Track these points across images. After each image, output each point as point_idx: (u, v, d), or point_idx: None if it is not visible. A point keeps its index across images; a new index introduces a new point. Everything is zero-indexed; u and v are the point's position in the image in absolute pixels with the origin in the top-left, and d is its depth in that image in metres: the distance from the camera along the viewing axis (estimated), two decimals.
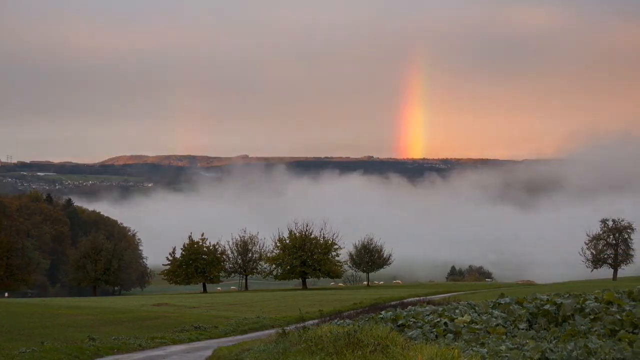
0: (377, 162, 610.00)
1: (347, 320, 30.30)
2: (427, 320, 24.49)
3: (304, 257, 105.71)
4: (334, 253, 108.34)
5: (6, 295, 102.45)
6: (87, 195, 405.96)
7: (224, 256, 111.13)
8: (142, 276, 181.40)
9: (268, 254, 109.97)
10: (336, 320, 31.47)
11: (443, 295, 69.07)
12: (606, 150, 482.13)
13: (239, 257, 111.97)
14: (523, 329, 21.74)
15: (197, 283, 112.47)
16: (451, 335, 21.58)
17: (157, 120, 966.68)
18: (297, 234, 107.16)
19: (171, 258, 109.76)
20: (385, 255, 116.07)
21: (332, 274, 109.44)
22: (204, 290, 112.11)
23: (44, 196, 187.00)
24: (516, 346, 18.19)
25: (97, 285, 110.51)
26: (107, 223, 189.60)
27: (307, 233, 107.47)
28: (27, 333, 36.87)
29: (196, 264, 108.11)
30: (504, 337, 20.50)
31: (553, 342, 18.71)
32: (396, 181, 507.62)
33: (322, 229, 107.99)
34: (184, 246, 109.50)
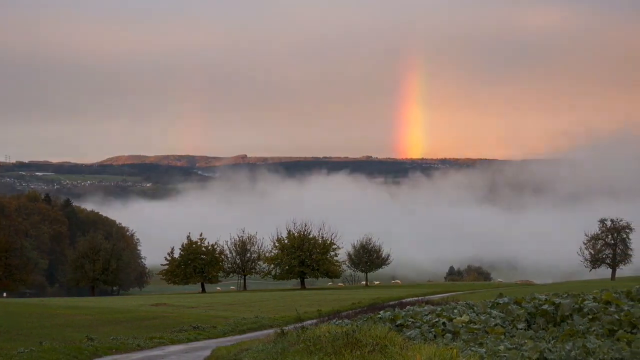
0: (376, 162, 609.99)
1: (346, 320, 30.29)
2: (426, 320, 24.49)
3: (303, 257, 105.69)
4: (333, 253, 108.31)
5: (4, 295, 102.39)
6: (86, 195, 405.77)
7: (223, 256, 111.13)
8: (141, 276, 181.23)
9: (266, 254, 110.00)
10: (335, 320, 31.49)
11: (441, 295, 69.22)
12: (606, 149, 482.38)
13: (238, 257, 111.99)
14: (521, 329, 21.75)
15: (196, 283, 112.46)
16: (450, 335, 21.58)
17: (156, 120, 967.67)
18: (296, 234, 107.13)
19: (170, 258, 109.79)
20: (383, 255, 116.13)
21: (331, 274, 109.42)
22: (203, 290, 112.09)
23: (43, 196, 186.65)
24: (514, 346, 18.20)
25: (96, 285, 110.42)
26: (106, 223, 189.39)
27: (306, 233, 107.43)
28: (26, 333, 36.86)
29: (195, 264, 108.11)
30: (503, 337, 20.50)
31: (551, 342, 18.71)
32: (396, 181, 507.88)
33: (321, 229, 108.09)
34: (183, 246, 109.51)
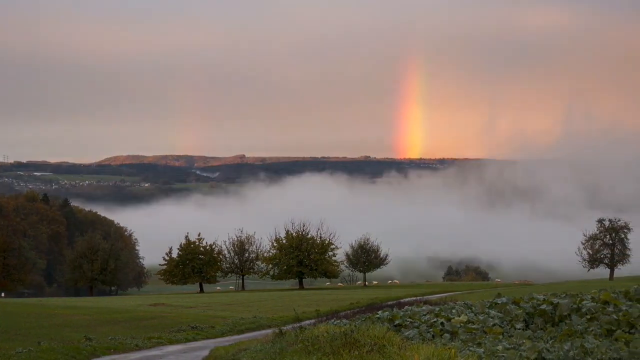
0: (374, 162, 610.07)
1: (344, 320, 30.26)
2: (424, 320, 24.48)
3: (301, 257, 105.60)
4: (331, 253, 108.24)
5: (3, 295, 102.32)
6: (84, 195, 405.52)
7: (221, 256, 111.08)
8: (139, 276, 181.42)
9: (265, 254, 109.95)
10: (333, 320, 31.46)
11: (440, 295, 69.23)
12: (607, 149, 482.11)
13: (236, 257, 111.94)
14: (520, 329, 21.75)
15: (194, 283, 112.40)
16: (448, 335, 21.57)
17: (154, 120, 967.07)
18: (294, 234, 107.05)
19: (168, 258, 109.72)
20: (381, 255, 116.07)
21: (329, 274, 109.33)
22: (201, 290, 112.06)
23: (41, 196, 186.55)
24: (513, 346, 18.19)
25: (94, 285, 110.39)
26: (104, 223, 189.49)
27: (304, 233, 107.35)
28: (24, 333, 36.84)
29: (193, 264, 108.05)
30: (501, 337, 20.49)
31: (549, 342, 18.71)
32: (394, 180, 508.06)
33: (319, 229, 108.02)
34: (181, 246, 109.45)
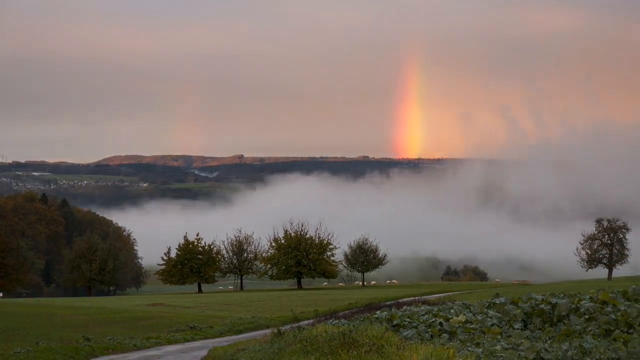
0: (374, 162, 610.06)
1: (342, 320, 30.25)
2: (422, 320, 24.46)
3: (299, 257, 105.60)
4: (329, 253, 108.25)
5: (1, 295, 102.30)
6: (83, 195, 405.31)
7: (219, 256, 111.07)
8: (137, 276, 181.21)
9: (263, 254, 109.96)
10: (331, 320, 31.44)
11: (438, 295, 69.21)
12: (607, 149, 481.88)
13: (234, 257, 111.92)
14: (518, 329, 21.76)
15: (192, 283, 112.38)
16: (446, 335, 21.56)
17: (153, 120, 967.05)
18: (292, 234, 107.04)
19: (166, 258, 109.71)
20: (380, 255, 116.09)
21: (328, 274, 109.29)
22: (199, 290, 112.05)
23: (39, 196, 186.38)
24: (511, 346, 18.20)
25: (92, 285, 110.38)
26: (102, 223, 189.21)
27: (302, 233, 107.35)
28: (22, 333, 36.82)
29: (191, 264, 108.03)
30: (499, 337, 20.49)
31: (548, 342, 18.72)
32: (393, 180, 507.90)
33: (317, 229, 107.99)
34: (179, 246, 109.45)
